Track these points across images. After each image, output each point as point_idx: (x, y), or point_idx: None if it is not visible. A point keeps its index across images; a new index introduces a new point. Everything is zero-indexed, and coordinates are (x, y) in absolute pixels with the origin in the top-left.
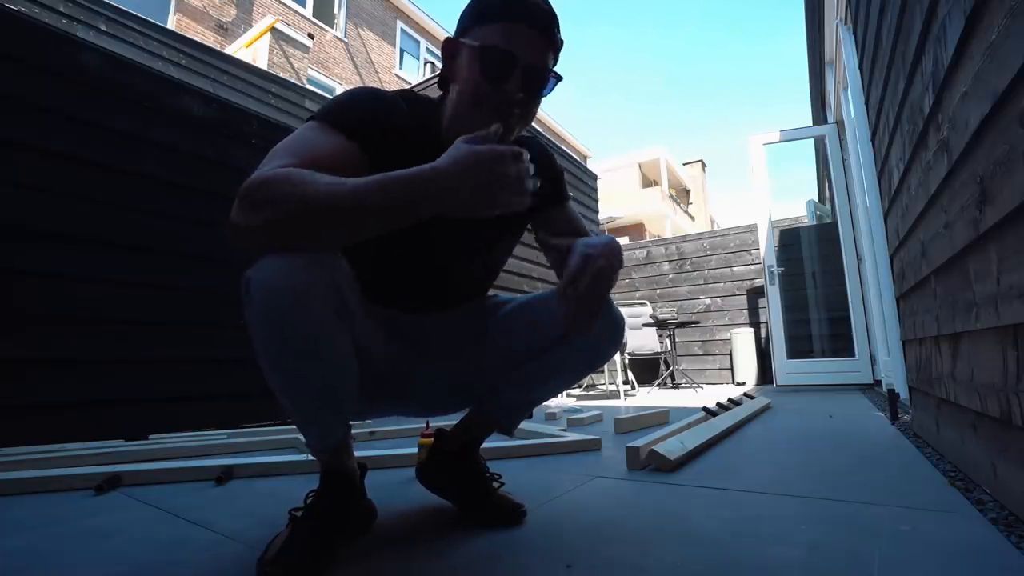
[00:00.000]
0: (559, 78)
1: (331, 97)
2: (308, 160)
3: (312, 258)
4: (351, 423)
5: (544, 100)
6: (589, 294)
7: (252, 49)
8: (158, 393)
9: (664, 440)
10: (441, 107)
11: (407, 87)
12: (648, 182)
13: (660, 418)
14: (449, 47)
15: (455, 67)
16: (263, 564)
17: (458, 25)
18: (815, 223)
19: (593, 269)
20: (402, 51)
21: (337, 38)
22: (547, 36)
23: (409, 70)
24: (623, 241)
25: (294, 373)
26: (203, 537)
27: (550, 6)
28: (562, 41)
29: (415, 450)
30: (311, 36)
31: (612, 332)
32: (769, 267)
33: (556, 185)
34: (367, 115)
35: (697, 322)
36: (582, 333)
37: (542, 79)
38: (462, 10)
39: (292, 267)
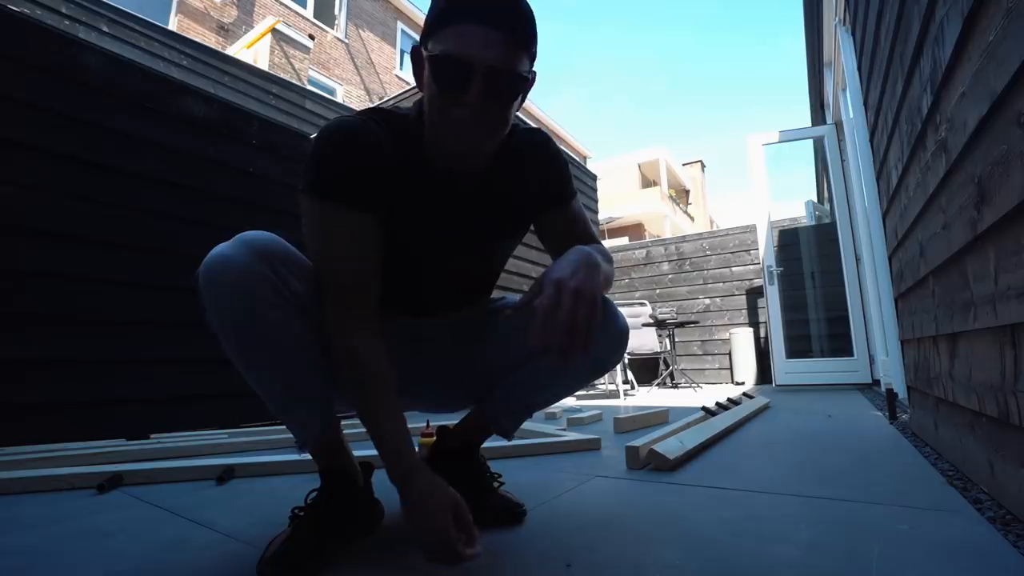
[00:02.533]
0: (530, 79)
1: (312, 142)
2: (352, 285)
3: (256, 247)
4: (348, 422)
5: (544, 100)
6: (570, 324)
7: (253, 50)
8: (159, 393)
9: (663, 439)
10: (416, 119)
11: (406, 88)
12: (648, 182)
13: (660, 418)
14: (414, 57)
15: (421, 79)
16: (264, 563)
17: (421, 32)
18: (814, 223)
19: (567, 298)
20: (402, 52)
21: (338, 39)
22: (512, 34)
23: (409, 71)
24: (623, 241)
25: (241, 352)
26: (204, 536)
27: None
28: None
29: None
30: (312, 37)
31: (616, 342)
32: (768, 267)
33: (560, 183)
34: (357, 163)
35: (696, 322)
36: (566, 364)
37: (507, 83)
38: None
39: (233, 251)
